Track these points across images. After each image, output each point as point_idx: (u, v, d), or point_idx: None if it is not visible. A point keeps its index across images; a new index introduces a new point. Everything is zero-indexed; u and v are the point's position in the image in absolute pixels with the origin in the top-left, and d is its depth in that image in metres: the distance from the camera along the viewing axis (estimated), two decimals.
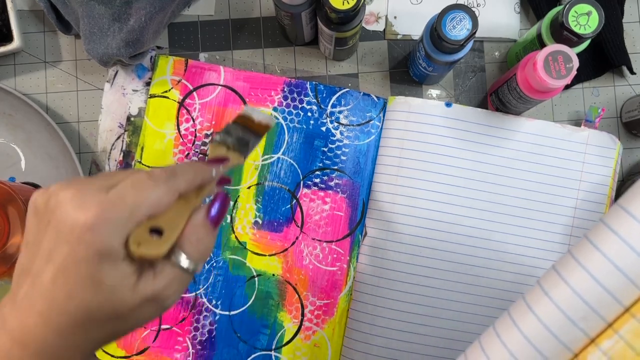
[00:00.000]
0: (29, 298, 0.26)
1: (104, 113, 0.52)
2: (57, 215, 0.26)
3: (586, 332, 0.24)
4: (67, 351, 0.27)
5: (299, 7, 0.44)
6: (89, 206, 0.25)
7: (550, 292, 0.25)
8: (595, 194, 0.49)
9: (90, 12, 0.46)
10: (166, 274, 0.27)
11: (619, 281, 0.23)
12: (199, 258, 0.28)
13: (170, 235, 0.27)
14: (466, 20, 0.42)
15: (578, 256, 0.25)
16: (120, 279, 0.26)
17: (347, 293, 0.50)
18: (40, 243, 0.26)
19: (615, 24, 0.50)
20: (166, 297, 0.28)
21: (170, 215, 0.28)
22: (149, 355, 0.49)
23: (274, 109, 0.51)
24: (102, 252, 0.25)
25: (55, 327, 0.26)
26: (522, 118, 0.50)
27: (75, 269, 0.25)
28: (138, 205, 0.26)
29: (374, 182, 0.50)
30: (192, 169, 0.30)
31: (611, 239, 0.24)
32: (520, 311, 0.26)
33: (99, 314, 0.26)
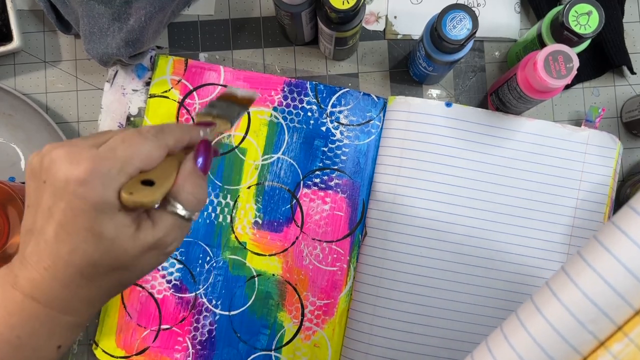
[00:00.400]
0: (35, 254, 0.27)
1: (103, 113, 0.52)
2: (51, 172, 0.27)
3: (596, 335, 0.24)
4: (76, 302, 0.28)
5: (299, 7, 0.44)
6: (81, 161, 0.26)
7: (560, 294, 0.25)
8: (596, 194, 0.49)
9: (90, 12, 0.46)
10: (165, 222, 0.28)
11: (629, 283, 0.23)
12: (194, 205, 0.29)
13: (161, 184, 0.28)
14: (466, 20, 0.42)
15: (587, 258, 0.25)
16: (118, 229, 0.27)
17: (347, 293, 0.50)
18: (39, 202, 0.27)
19: (616, 23, 0.50)
20: (167, 244, 0.29)
21: (160, 169, 0.29)
22: (148, 355, 0.49)
23: (274, 109, 0.51)
24: (97, 204, 0.26)
25: (62, 280, 0.27)
26: (523, 118, 0.49)
27: (74, 222, 0.26)
28: (129, 159, 0.27)
29: (374, 182, 0.50)
30: (179, 128, 0.31)
31: (621, 240, 0.24)
32: (528, 313, 0.26)
33: (103, 265, 0.27)
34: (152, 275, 0.50)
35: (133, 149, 0.27)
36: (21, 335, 0.27)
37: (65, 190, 0.26)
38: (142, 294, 0.50)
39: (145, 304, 0.50)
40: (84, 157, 0.26)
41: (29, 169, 0.28)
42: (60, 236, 0.27)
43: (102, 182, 0.26)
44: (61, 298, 0.28)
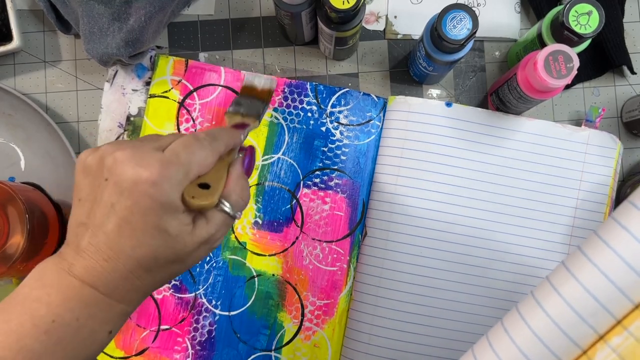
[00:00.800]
0: (93, 246, 0.29)
1: (103, 113, 0.52)
2: (117, 172, 0.28)
3: (595, 329, 0.24)
4: (132, 292, 0.30)
5: (299, 7, 0.44)
6: (149, 164, 0.28)
7: (560, 289, 0.25)
8: (596, 194, 0.49)
9: (90, 12, 0.46)
10: (216, 220, 0.32)
11: (629, 278, 0.23)
12: (242, 205, 0.33)
13: (216, 188, 0.32)
14: (466, 20, 0.41)
15: (588, 252, 0.25)
16: (181, 227, 0.30)
17: (347, 293, 0.50)
18: (98, 198, 0.29)
19: (616, 23, 0.50)
20: (216, 239, 0.32)
21: (212, 173, 0.32)
22: (148, 355, 0.49)
23: (274, 110, 0.51)
24: (165, 204, 0.28)
25: (122, 272, 0.29)
26: (523, 118, 0.49)
27: (142, 219, 0.28)
28: (190, 164, 0.30)
29: (374, 182, 0.50)
30: (228, 134, 0.34)
31: (622, 235, 0.24)
32: (529, 307, 0.26)
33: (163, 259, 0.30)
34: None
35: (194, 155, 0.30)
36: (80, 318, 0.28)
37: (133, 190, 0.28)
38: None
39: (144, 304, 0.49)
40: (151, 160, 0.28)
41: (81, 165, 0.30)
42: (124, 231, 0.28)
43: (170, 184, 0.29)
44: (120, 288, 0.29)
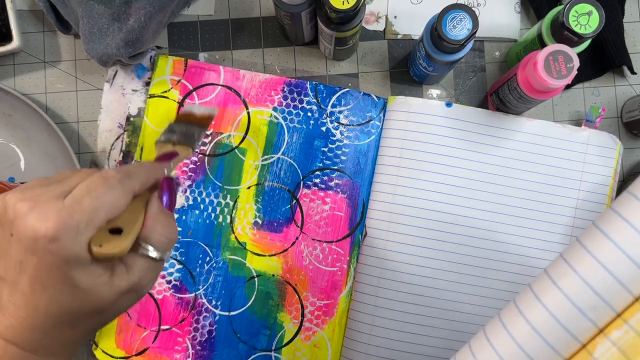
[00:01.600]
0: (11, 304, 0.27)
1: (103, 113, 0.52)
2: (18, 227, 0.26)
3: (595, 323, 0.24)
4: (57, 346, 0.28)
5: (299, 7, 0.44)
6: (47, 217, 0.26)
7: (559, 282, 0.25)
8: (596, 194, 0.49)
9: (90, 12, 0.46)
10: (138, 266, 0.29)
11: (629, 270, 0.23)
12: (167, 245, 0.30)
13: (130, 231, 0.28)
14: (466, 20, 0.41)
15: (587, 244, 0.24)
16: (93, 279, 0.27)
17: (347, 293, 0.50)
18: (8, 253, 0.27)
19: (616, 23, 0.50)
20: (142, 287, 0.29)
21: (127, 214, 0.29)
22: (148, 355, 0.49)
23: (273, 109, 0.51)
24: (69, 258, 0.26)
25: (42, 328, 0.27)
26: (523, 118, 0.49)
27: (49, 276, 0.26)
28: (96, 210, 0.27)
29: (374, 182, 0.50)
30: (144, 170, 0.31)
31: (621, 226, 0.23)
32: (527, 301, 0.26)
33: (82, 312, 0.28)
34: None
35: (99, 199, 0.27)
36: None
37: (34, 246, 0.26)
38: None
39: (144, 304, 0.49)
40: (50, 212, 0.26)
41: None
42: (35, 288, 0.27)
43: (72, 237, 0.26)
44: (43, 344, 0.28)
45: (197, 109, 0.42)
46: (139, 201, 0.30)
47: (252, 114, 0.51)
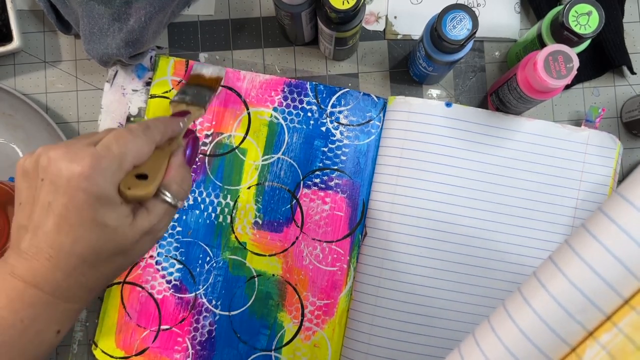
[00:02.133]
0: (33, 247, 0.29)
1: (103, 113, 0.52)
2: (51, 170, 0.28)
3: (584, 326, 0.24)
4: (78, 289, 0.30)
5: (299, 7, 0.44)
6: (81, 158, 0.28)
7: (547, 284, 0.24)
8: (596, 194, 0.49)
9: (90, 12, 0.46)
10: (157, 210, 0.32)
11: (618, 272, 0.23)
12: (184, 195, 0.33)
13: (154, 177, 0.31)
14: (466, 20, 0.42)
15: (576, 247, 0.24)
16: (120, 219, 0.29)
17: (347, 293, 0.50)
18: (35, 199, 0.29)
19: (616, 23, 0.50)
20: (159, 229, 0.32)
21: (151, 162, 0.32)
22: (148, 355, 0.49)
23: (274, 109, 0.51)
24: (100, 197, 0.28)
25: (65, 269, 0.29)
26: (522, 118, 0.49)
27: (78, 215, 0.28)
28: (124, 155, 0.30)
29: (374, 182, 0.50)
30: (162, 123, 0.34)
31: (610, 228, 0.23)
32: (516, 304, 0.25)
33: (105, 252, 0.29)
34: (151, 275, 0.50)
35: (126, 146, 0.30)
36: (24, 319, 0.28)
37: (68, 186, 0.28)
38: (142, 294, 0.50)
39: (144, 304, 0.50)
40: (84, 155, 0.28)
41: (20, 170, 0.30)
42: (62, 228, 0.28)
43: (104, 177, 0.28)
44: (64, 286, 0.29)
45: (206, 69, 0.45)
46: (160, 152, 0.33)
47: (253, 114, 0.51)
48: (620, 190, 0.24)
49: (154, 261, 0.50)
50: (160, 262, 0.50)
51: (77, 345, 0.50)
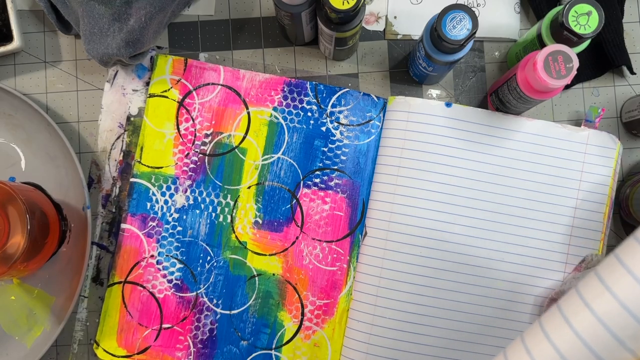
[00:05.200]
0: None
1: (104, 113, 0.52)
2: None
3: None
4: None
5: (299, 7, 0.44)
6: None
7: (552, 336, 0.21)
8: (596, 194, 0.49)
9: (90, 12, 0.46)
10: None
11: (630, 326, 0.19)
12: None
13: None
14: (466, 20, 0.42)
15: (586, 297, 0.21)
16: None
17: (347, 293, 0.50)
18: None
19: (615, 24, 0.50)
20: None
21: None
22: (150, 354, 0.49)
23: (274, 109, 0.51)
24: None
25: None
26: (522, 118, 0.50)
27: None
28: None
29: (374, 182, 0.50)
30: None
31: (624, 278, 0.20)
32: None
33: None
34: (153, 275, 0.50)
35: None
36: None
37: None
38: (143, 293, 0.50)
39: (146, 303, 0.50)
40: None
41: None
42: None
43: None
44: None
45: None
46: None
47: (252, 114, 0.51)
48: (637, 234, 0.20)
49: (155, 261, 0.50)
50: (161, 262, 0.50)
51: (78, 345, 0.50)
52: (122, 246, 0.50)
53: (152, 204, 0.50)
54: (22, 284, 0.50)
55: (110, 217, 0.51)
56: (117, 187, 0.51)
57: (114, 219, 0.51)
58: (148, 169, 0.51)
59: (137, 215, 0.50)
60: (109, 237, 0.51)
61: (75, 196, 0.50)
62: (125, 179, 0.51)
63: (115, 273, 0.50)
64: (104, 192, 0.51)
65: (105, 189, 0.51)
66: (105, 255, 0.51)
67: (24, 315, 0.49)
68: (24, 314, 0.49)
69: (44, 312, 0.49)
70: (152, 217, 0.50)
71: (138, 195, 0.50)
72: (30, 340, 0.49)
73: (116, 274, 0.50)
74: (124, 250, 0.50)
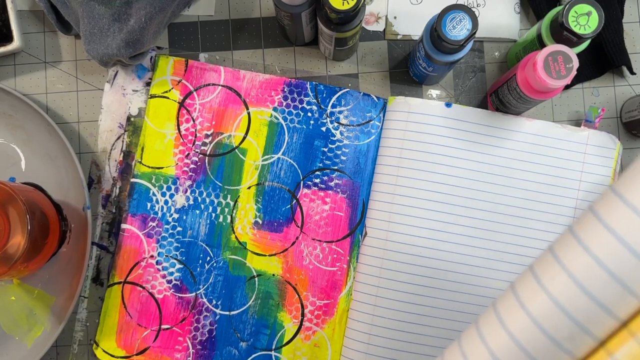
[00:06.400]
0: None
1: (104, 113, 0.52)
2: None
3: (573, 354, 0.19)
4: None
5: (299, 8, 0.44)
6: None
7: (527, 304, 0.20)
8: (595, 194, 0.49)
9: (90, 13, 0.46)
10: None
11: (612, 289, 0.18)
12: None
13: None
14: (466, 21, 0.42)
15: (560, 255, 0.20)
16: None
17: (347, 293, 0.50)
18: None
19: (615, 24, 0.50)
20: None
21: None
22: (149, 355, 0.49)
23: (274, 109, 0.51)
24: None
25: None
26: (522, 118, 0.50)
27: None
28: None
29: (374, 182, 0.50)
30: None
31: (602, 235, 0.18)
32: (490, 324, 0.21)
33: None
34: (152, 275, 0.50)
35: None
36: None
37: None
38: (143, 294, 0.50)
39: (145, 304, 0.50)
40: None
41: None
42: None
43: None
44: None
45: None
46: None
47: (253, 114, 0.51)
48: (615, 186, 0.19)
49: (154, 261, 0.50)
50: (160, 262, 0.50)
51: (78, 345, 0.50)
52: (122, 246, 0.50)
53: (153, 204, 0.50)
54: (22, 284, 0.50)
55: (110, 217, 0.51)
56: (117, 188, 0.51)
57: (114, 219, 0.51)
58: (148, 169, 0.51)
59: (137, 215, 0.50)
60: (109, 237, 0.51)
61: (75, 196, 0.50)
62: (125, 179, 0.51)
63: (115, 273, 0.50)
64: (104, 192, 0.51)
65: (106, 189, 0.51)
66: (106, 256, 0.51)
67: (24, 315, 0.49)
68: (24, 314, 0.49)
69: (44, 312, 0.49)
70: (152, 217, 0.50)
71: (138, 196, 0.50)
72: (31, 340, 0.49)
73: (116, 274, 0.50)
74: (124, 251, 0.50)
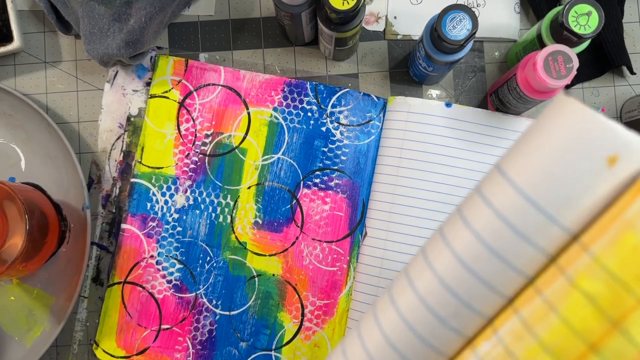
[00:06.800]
0: None
1: (104, 113, 0.52)
2: None
3: (461, 332, 0.19)
4: None
5: (299, 8, 0.44)
6: None
7: (416, 282, 0.19)
8: None
9: (91, 13, 0.46)
10: None
11: (493, 264, 0.18)
12: None
13: None
14: (466, 21, 0.42)
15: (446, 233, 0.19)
16: None
17: (347, 293, 0.50)
18: None
19: (615, 24, 0.50)
20: None
21: None
22: (149, 355, 0.49)
23: (274, 109, 0.51)
24: None
25: None
26: (522, 118, 0.50)
27: None
28: None
29: (374, 182, 0.50)
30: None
31: (481, 208, 0.18)
32: (383, 304, 0.21)
33: None
34: (152, 275, 0.50)
35: None
36: None
37: None
38: (143, 294, 0.50)
39: (145, 304, 0.50)
40: None
41: None
42: None
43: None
44: None
45: None
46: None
47: (253, 114, 0.51)
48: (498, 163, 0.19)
49: (154, 261, 0.50)
50: (160, 262, 0.50)
51: (78, 345, 0.50)
52: (122, 246, 0.50)
53: (152, 204, 0.50)
54: (22, 284, 0.50)
55: (110, 217, 0.51)
56: (117, 188, 0.51)
57: (114, 219, 0.51)
58: (148, 169, 0.51)
59: (137, 215, 0.50)
60: (109, 237, 0.51)
61: (75, 196, 0.50)
62: (125, 179, 0.51)
63: (115, 273, 0.50)
64: (104, 192, 0.51)
65: (105, 189, 0.51)
66: (105, 256, 0.51)
67: (23, 315, 0.49)
68: (24, 314, 0.49)
69: (43, 312, 0.49)
70: (152, 217, 0.50)
71: (138, 196, 0.50)
72: (30, 340, 0.49)
73: (116, 274, 0.50)
74: (123, 251, 0.50)
